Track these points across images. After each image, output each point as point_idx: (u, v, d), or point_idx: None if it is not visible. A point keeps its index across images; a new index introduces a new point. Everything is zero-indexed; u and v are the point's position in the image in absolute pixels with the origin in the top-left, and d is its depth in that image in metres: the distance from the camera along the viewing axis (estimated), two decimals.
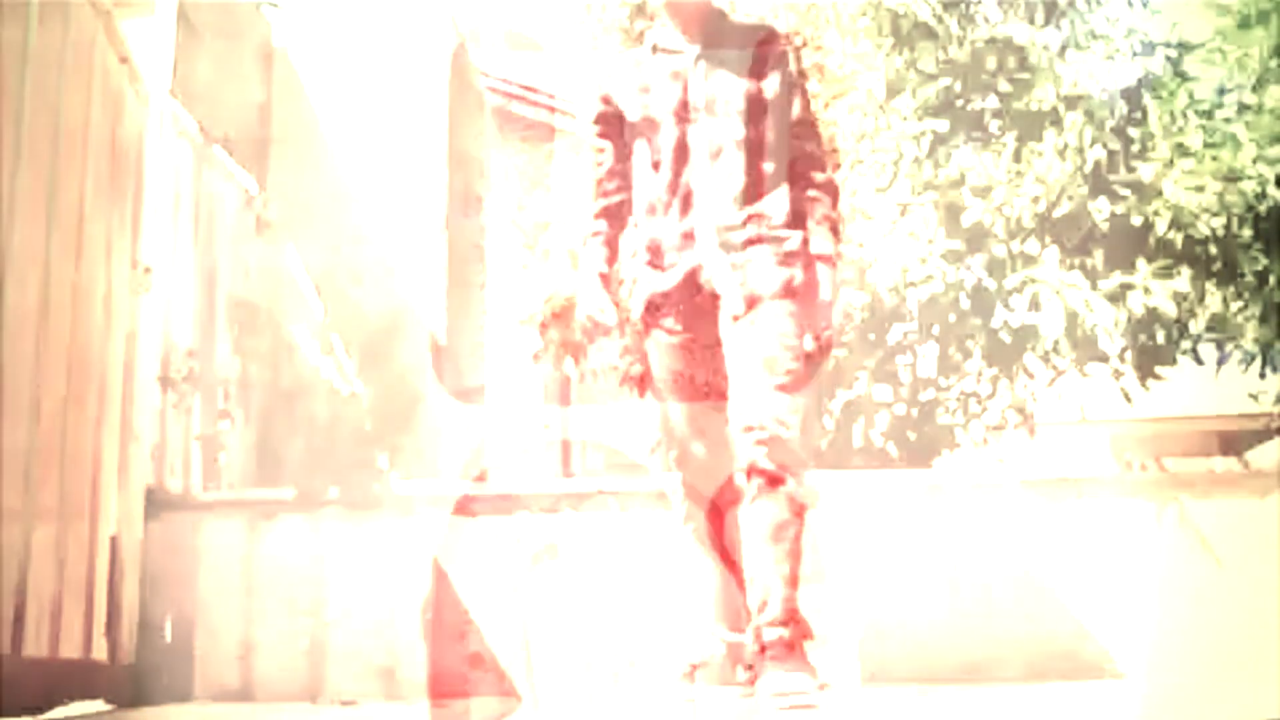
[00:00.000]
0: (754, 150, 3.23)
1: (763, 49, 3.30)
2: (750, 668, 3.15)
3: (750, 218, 3.20)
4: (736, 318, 3.14)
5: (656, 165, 3.26)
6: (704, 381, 3.26)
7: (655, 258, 3.25)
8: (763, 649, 2.98)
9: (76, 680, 3.76)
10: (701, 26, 3.31)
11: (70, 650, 3.72)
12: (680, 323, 3.24)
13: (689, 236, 3.21)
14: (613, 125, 3.37)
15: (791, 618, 2.99)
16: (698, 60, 3.28)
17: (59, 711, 3.60)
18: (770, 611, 2.99)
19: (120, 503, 4.11)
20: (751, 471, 3.04)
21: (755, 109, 3.24)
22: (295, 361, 5.08)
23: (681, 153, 3.22)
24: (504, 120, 8.20)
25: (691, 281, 3.21)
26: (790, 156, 3.26)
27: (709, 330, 3.21)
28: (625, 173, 3.36)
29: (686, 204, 3.22)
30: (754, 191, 3.22)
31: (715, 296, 3.19)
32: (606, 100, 3.37)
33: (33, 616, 3.43)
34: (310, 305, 5.66)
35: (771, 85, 3.26)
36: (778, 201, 3.22)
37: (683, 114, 3.23)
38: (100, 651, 3.95)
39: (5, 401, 3.27)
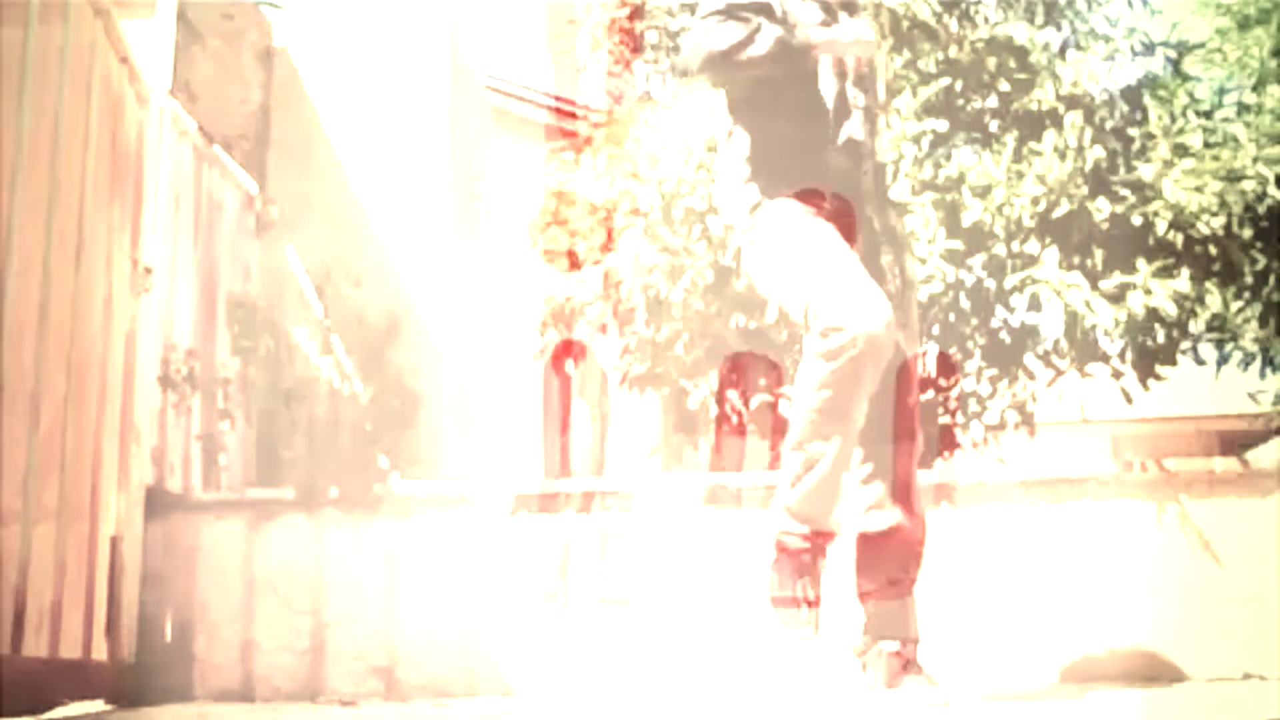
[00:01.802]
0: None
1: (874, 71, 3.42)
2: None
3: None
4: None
5: (809, 105, 3.21)
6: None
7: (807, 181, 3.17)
8: (905, 664, 3.20)
9: (76, 680, 3.76)
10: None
11: (70, 650, 3.72)
12: None
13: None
14: (769, 45, 3.07)
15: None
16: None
17: (59, 711, 3.61)
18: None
19: (120, 503, 4.12)
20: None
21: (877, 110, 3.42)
22: (295, 361, 5.08)
23: (842, 104, 3.23)
24: (504, 120, 8.20)
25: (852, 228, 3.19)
26: None
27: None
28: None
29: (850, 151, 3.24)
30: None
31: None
32: (770, 11, 3.13)
33: (33, 616, 3.43)
34: (310, 305, 5.66)
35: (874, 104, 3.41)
36: None
37: (842, 70, 3.23)
38: (100, 651, 3.95)
39: (5, 401, 3.27)
